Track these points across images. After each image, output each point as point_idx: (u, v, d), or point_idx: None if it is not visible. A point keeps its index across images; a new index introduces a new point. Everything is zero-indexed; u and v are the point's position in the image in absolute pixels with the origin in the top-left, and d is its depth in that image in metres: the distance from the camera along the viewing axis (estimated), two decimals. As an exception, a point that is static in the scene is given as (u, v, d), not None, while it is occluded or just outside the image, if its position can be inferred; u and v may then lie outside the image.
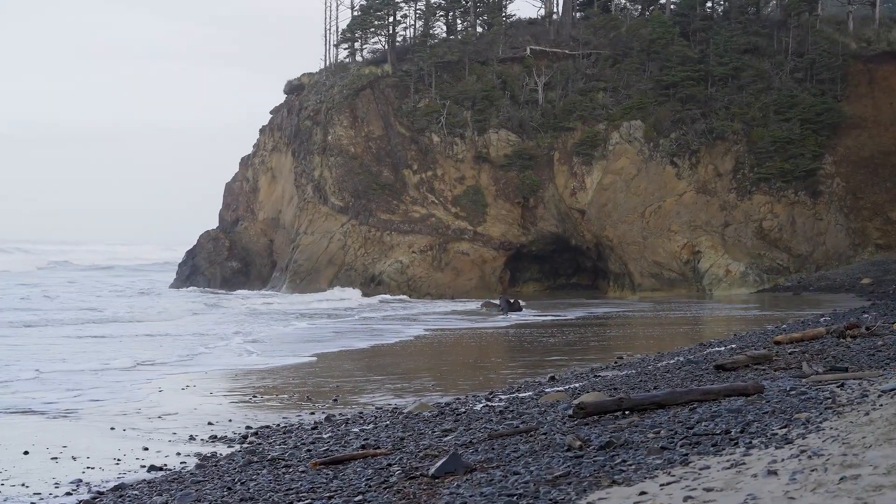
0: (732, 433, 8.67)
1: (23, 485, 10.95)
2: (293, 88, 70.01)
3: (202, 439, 13.56)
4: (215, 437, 13.68)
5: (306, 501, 8.90)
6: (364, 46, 68.77)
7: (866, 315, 26.32)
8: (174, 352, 25.62)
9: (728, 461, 7.54)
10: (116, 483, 11.07)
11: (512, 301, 44.64)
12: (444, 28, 69.48)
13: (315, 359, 24.61)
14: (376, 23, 66.84)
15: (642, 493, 6.97)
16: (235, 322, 36.55)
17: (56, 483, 11.09)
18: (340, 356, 25.78)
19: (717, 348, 20.71)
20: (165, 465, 11.99)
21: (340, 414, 15.32)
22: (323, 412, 15.67)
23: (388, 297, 55.80)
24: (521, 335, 31.99)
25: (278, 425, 14.47)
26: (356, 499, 8.63)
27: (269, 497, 9.30)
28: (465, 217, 61.00)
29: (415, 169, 61.98)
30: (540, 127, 62.37)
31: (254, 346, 27.75)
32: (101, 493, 10.60)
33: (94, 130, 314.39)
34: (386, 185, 61.25)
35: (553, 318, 40.74)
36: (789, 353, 15.88)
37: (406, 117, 62.83)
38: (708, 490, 6.70)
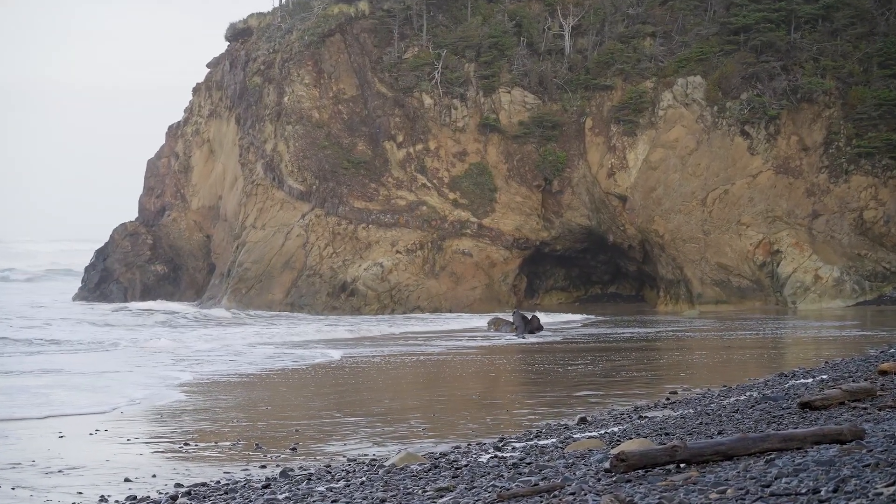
0: (822, 493, 8.69)
1: None
2: (238, 34, 69.99)
3: (117, 501, 13.56)
4: (134, 498, 13.68)
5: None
6: (332, -23, 68.80)
7: None
8: (78, 384, 25.63)
9: (816, 530, 7.55)
10: (2, 560, 11.08)
11: (529, 317, 44.67)
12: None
13: (266, 394, 24.63)
14: (348, -54, 66.95)
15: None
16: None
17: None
18: (296, 387, 25.80)
19: (802, 380, 20.76)
20: (68, 535, 11.98)
21: (301, 467, 15.34)
22: (278, 465, 15.69)
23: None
24: (541, 362, 32.01)
25: (218, 482, 14.48)
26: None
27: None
28: (467, 205, 61.07)
29: (400, 141, 62.04)
30: (567, 85, 62.42)
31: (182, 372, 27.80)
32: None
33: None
34: (361, 162, 61.30)
35: (583, 339, 40.75)
36: (898, 387, 15.93)
37: (388, 72, 62.85)
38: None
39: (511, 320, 45.34)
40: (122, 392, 24.58)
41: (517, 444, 15.74)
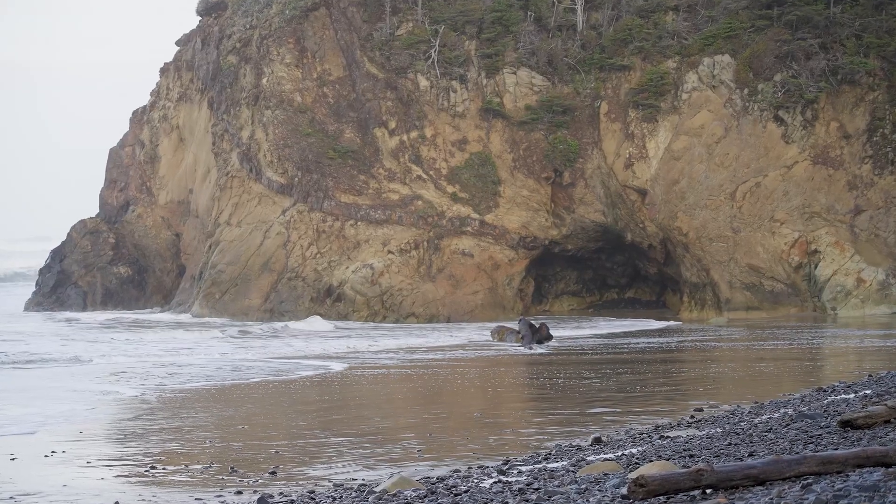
0: (865, 521, 8.70)
1: None
2: (211, 7, 70.00)
3: (75, 531, 13.59)
4: (95, 528, 13.71)
5: None
6: (316, -56, 68.81)
7: None
8: (30, 399, 25.65)
9: (859, 563, 7.57)
10: None
11: (538, 325, 44.69)
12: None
13: (243, 410, 24.63)
14: None
15: None
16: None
17: None
18: (277, 404, 25.79)
19: (842, 395, 20.78)
20: (20, 569, 11.99)
21: (281, 493, 15.35)
22: (255, 490, 15.70)
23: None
24: (550, 376, 32.02)
25: (189, 511, 14.50)
26: None
27: None
28: (468, 200, 61.06)
29: (392, 128, 62.03)
30: (579, 65, 62.40)
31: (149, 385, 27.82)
32: None
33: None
34: (348, 151, 61.31)
35: (598, 349, 40.77)
36: (950, 403, 15.93)
37: (379, 51, 62.84)
38: None
39: (517, 329, 45.34)
40: (72, 405, 24.63)
41: (523, 468, 15.75)
